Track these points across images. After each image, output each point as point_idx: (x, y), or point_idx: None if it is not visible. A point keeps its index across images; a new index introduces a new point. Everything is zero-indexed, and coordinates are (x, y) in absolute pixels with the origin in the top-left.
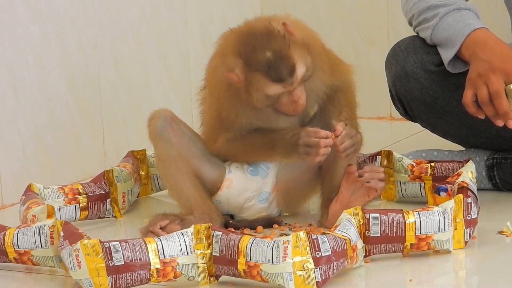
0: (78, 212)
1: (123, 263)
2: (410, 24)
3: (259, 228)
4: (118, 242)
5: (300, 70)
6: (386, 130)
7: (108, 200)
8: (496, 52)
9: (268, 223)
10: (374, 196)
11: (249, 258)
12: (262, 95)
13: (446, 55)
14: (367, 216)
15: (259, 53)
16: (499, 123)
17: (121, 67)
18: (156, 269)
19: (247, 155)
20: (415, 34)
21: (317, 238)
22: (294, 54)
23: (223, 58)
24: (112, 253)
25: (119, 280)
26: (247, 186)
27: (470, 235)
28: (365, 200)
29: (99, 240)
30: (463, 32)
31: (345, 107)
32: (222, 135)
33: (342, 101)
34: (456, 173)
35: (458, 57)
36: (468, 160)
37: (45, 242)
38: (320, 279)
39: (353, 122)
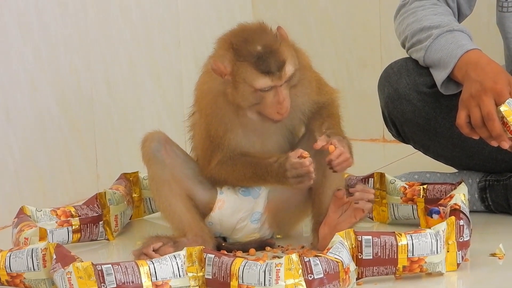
0: (70, 235)
1: (115, 286)
2: (403, 46)
3: (252, 250)
4: (110, 265)
5: (290, 67)
6: (379, 152)
7: (101, 222)
8: (488, 73)
9: (261, 245)
10: (360, 217)
11: (242, 281)
12: (248, 88)
13: (439, 76)
14: (360, 239)
15: (250, 45)
16: (494, 143)
17: (114, 88)
18: None
19: (239, 182)
20: (408, 56)
21: (309, 260)
22: (285, 51)
23: (215, 51)
24: (105, 276)
25: None
26: (239, 207)
27: (462, 257)
28: (352, 221)
29: (92, 262)
30: (456, 53)
31: (327, 118)
32: (214, 157)
33: (324, 113)
34: (448, 195)
35: (451, 79)
36: (461, 182)
37: (38, 265)
38: None
39: (336, 130)
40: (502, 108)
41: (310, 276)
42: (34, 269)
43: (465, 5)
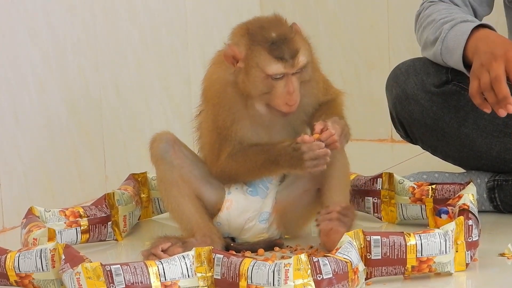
0: (79, 235)
1: (124, 286)
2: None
3: (261, 250)
4: (119, 265)
5: (303, 57)
6: (387, 153)
7: (109, 223)
8: (497, 43)
9: (269, 245)
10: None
11: (251, 281)
12: (260, 73)
13: (456, 56)
14: (368, 239)
15: (265, 31)
16: (501, 112)
17: (122, 90)
18: None
19: (251, 172)
20: (415, 57)
21: (318, 260)
22: (299, 42)
23: (230, 38)
24: (114, 276)
25: None
26: (247, 207)
27: (471, 257)
28: (340, 232)
29: (100, 263)
30: (467, 30)
31: (326, 111)
32: (223, 151)
33: (323, 107)
34: (457, 195)
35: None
36: (469, 182)
37: (46, 265)
38: None
39: (332, 112)
40: None
41: (319, 276)
42: (43, 270)
43: (479, 8)
